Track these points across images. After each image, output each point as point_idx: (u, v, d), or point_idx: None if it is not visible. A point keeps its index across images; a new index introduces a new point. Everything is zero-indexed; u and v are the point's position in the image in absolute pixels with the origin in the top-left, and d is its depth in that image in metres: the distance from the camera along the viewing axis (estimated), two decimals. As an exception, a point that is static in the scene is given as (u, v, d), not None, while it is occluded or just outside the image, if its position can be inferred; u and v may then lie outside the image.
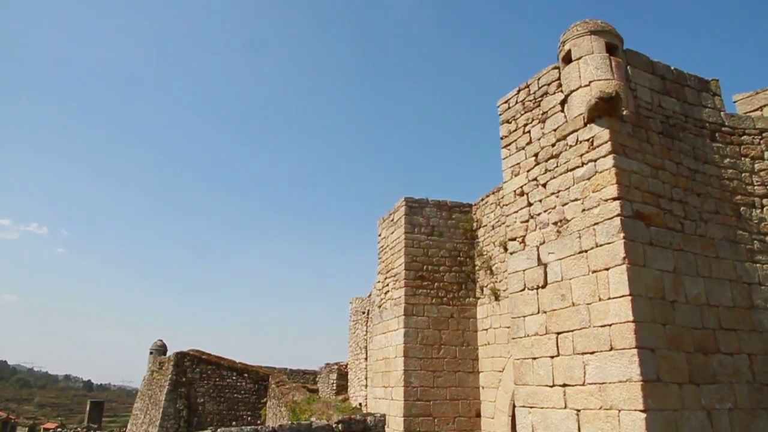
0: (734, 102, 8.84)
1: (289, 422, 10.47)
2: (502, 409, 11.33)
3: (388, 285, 13.42)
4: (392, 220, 13.70)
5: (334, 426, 8.66)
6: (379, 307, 13.92)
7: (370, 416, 8.99)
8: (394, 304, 12.85)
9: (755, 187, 7.76)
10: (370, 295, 17.90)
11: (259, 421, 24.31)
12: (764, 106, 8.56)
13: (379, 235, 14.64)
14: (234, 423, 24.51)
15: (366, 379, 17.91)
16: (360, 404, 17.99)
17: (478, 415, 12.15)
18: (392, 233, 13.58)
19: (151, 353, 33.53)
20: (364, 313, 19.18)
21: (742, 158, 7.91)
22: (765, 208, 7.68)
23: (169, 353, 30.49)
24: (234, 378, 26.49)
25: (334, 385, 21.83)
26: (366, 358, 18.10)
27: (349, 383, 20.48)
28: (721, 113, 8.16)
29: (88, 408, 43.15)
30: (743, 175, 7.79)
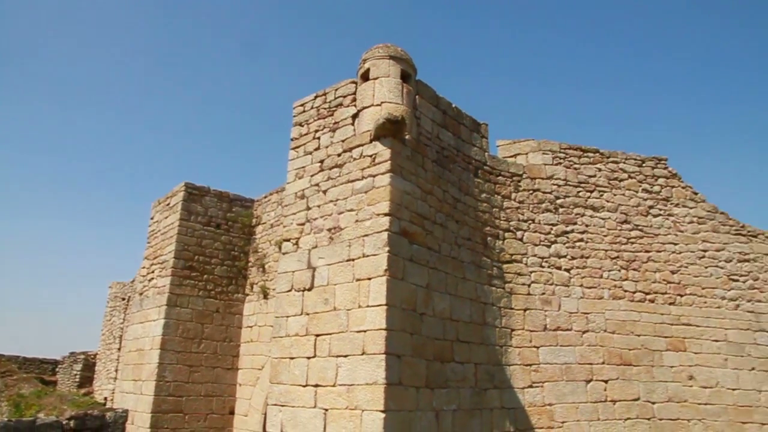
0: (497, 146, 10.18)
1: (7, 419, 9.11)
2: (256, 407, 11.30)
3: (153, 272, 12.54)
4: (168, 204, 12.87)
5: (64, 423, 7.71)
6: (141, 294, 12.93)
7: (111, 412, 8.22)
8: (157, 292, 12.05)
9: (501, 222, 9.01)
10: (133, 280, 16.57)
11: (-28, 416, 20.70)
12: (518, 154, 10.03)
13: (152, 218, 13.64)
14: (-63, 418, 20.50)
15: (116, 371, 16.48)
16: (106, 399, 16.47)
17: (232, 413, 11.96)
18: (166, 218, 12.76)
19: None
20: (124, 299, 17.66)
21: (495, 195, 9.13)
22: (505, 241, 8.95)
23: None
24: (-54, 365, 22.16)
25: (78, 377, 19.71)
26: (119, 349, 16.67)
27: (96, 375, 18.62)
28: (486, 153, 9.32)
29: None
30: (494, 210, 8.99)
